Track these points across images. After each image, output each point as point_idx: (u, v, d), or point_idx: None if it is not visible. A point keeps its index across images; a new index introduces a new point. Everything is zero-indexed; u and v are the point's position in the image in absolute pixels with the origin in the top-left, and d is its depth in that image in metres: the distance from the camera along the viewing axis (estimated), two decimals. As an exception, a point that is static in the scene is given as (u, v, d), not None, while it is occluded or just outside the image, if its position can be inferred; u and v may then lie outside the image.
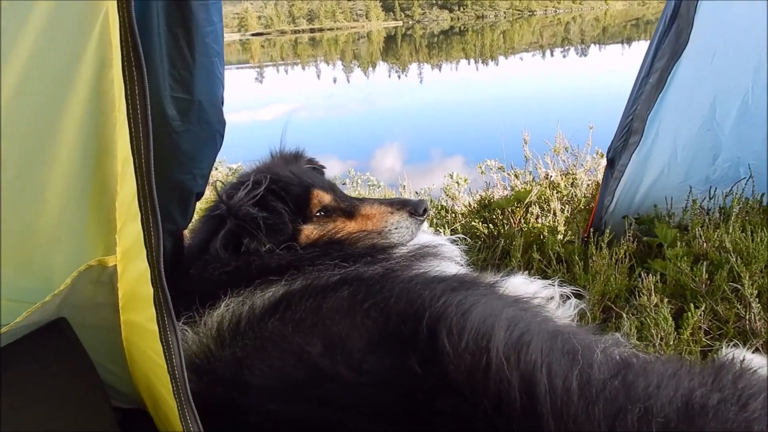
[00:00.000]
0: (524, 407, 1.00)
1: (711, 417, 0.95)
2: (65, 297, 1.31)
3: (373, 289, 1.45)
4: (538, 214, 2.95)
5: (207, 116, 1.52)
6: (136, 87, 1.01)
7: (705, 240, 2.30)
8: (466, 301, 1.33)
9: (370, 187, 5.23)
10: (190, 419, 1.12)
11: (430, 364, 1.12)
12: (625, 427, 0.93)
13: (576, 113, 9.89)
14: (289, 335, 1.30)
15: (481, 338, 1.15)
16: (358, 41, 44.97)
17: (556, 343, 1.18)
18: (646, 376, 1.04)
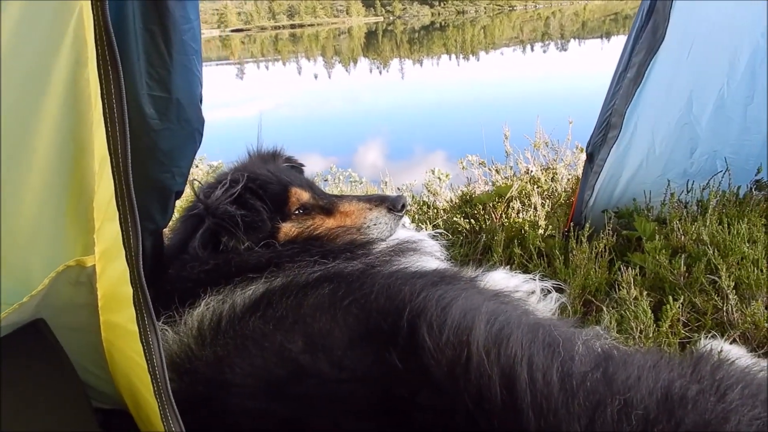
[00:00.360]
0: (504, 402, 1.01)
1: (690, 408, 0.97)
2: (43, 298, 1.30)
3: (353, 285, 1.45)
4: (519, 209, 2.97)
5: (186, 114, 1.50)
6: (112, 86, 1.00)
7: (683, 233, 2.33)
8: (446, 295, 1.34)
9: (352, 183, 5.22)
10: (171, 419, 1.12)
11: (411, 359, 1.12)
12: (605, 419, 0.94)
13: (556, 108, 9.94)
14: (270, 333, 1.30)
15: (461, 332, 1.15)
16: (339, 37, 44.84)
17: (536, 335, 1.18)
18: (626, 368, 1.05)
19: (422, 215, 3.26)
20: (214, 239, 1.74)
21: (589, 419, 0.96)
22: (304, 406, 1.14)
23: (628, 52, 2.38)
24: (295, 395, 1.16)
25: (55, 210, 1.21)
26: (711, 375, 1.10)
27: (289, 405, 1.15)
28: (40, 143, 1.13)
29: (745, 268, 2.02)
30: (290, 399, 1.15)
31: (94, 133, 1.14)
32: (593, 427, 0.95)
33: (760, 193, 2.66)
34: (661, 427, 0.93)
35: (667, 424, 0.94)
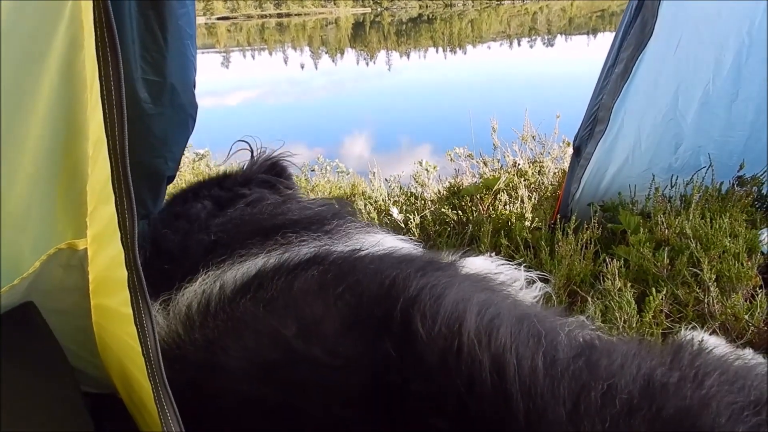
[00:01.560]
0: (495, 386, 1.03)
1: (671, 394, 0.99)
2: (33, 281, 1.30)
3: (344, 269, 1.46)
4: (506, 201, 3.00)
5: (179, 99, 1.51)
6: (111, 69, 1.00)
7: (667, 227, 2.37)
8: (438, 284, 1.35)
9: (340, 174, 5.22)
10: (165, 401, 1.12)
11: (405, 347, 1.14)
12: (589, 403, 0.97)
13: (543, 102, 10.00)
14: (262, 316, 1.31)
15: (453, 322, 1.17)
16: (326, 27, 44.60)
17: (522, 326, 1.21)
18: (609, 356, 1.08)
19: (410, 206, 3.28)
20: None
21: (573, 403, 0.98)
22: (297, 390, 1.15)
23: (616, 47, 2.41)
24: (287, 380, 1.17)
25: (47, 192, 1.21)
26: (690, 363, 1.13)
27: (282, 389, 1.16)
28: (35, 126, 1.13)
29: (726, 262, 2.06)
30: (283, 383, 1.16)
31: (89, 116, 1.14)
32: (578, 410, 0.97)
33: (742, 189, 2.71)
34: (643, 413, 0.96)
35: (649, 410, 0.96)
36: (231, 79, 21.11)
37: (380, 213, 3.21)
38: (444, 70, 21.63)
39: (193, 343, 1.35)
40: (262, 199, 1.87)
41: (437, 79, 19.03)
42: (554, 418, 0.97)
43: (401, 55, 28.78)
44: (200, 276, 1.53)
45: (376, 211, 3.19)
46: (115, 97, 1.02)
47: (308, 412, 1.12)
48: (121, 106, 1.03)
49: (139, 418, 1.42)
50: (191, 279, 1.54)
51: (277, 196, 1.97)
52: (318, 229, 1.75)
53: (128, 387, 1.37)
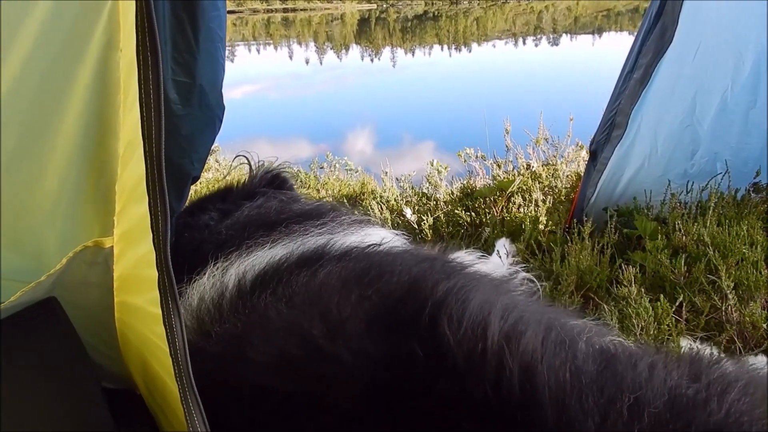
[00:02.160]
0: (524, 393, 1.03)
1: (699, 408, 0.99)
2: (58, 276, 1.30)
3: (366, 267, 1.47)
4: (520, 203, 2.99)
5: (208, 100, 1.51)
6: (150, 72, 1.00)
7: (684, 233, 2.36)
8: (464, 287, 1.35)
9: (348, 172, 5.22)
10: (192, 403, 1.12)
11: (431, 349, 1.14)
12: (617, 416, 0.97)
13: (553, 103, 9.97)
14: (287, 313, 1.31)
15: (478, 326, 1.17)
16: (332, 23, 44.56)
17: (549, 334, 1.20)
18: (634, 369, 1.08)
19: (422, 207, 3.28)
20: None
21: (601, 416, 0.98)
22: (322, 388, 1.15)
23: (635, 53, 2.41)
24: (313, 377, 1.17)
25: (77, 190, 1.21)
26: (713, 375, 1.13)
27: (307, 386, 1.16)
28: (67, 124, 1.13)
29: (744, 269, 2.06)
30: (308, 380, 1.17)
31: (122, 117, 1.14)
32: (606, 423, 0.97)
33: (758, 196, 2.71)
34: (671, 427, 0.96)
35: (675, 425, 0.96)
36: (236, 72, 21.06)
37: (393, 213, 3.21)
38: (448, 67, 21.58)
39: (213, 336, 1.35)
40: (267, 203, 1.91)
41: (442, 77, 19.00)
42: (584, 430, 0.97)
43: (406, 51, 28.73)
44: (210, 268, 1.55)
45: (389, 211, 3.18)
46: (153, 100, 1.02)
47: (333, 410, 1.12)
48: (159, 110, 1.03)
49: (161, 415, 1.42)
50: (201, 271, 1.55)
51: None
52: (318, 221, 1.78)
53: (151, 385, 1.38)
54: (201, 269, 1.56)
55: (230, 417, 1.21)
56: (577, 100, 9.15)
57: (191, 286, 1.53)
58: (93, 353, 1.47)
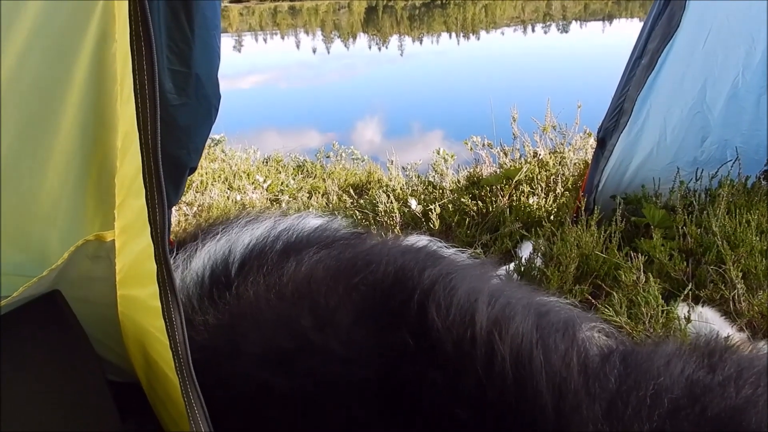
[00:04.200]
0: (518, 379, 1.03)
1: (716, 394, 0.98)
2: (61, 271, 1.30)
3: (351, 257, 1.46)
4: (527, 191, 2.97)
5: (204, 90, 1.50)
6: (145, 63, 0.98)
7: (696, 224, 2.33)
8: (450, 274, 1.35)
9: (354, 161, 5.21)
10: (192, 395, 1.12)
11: (421, 338, 1.14)
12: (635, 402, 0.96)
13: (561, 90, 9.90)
14: (277, 304, 1.31)
15: (465, 312, 1.17)
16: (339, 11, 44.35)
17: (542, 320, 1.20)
18: (650, 357, 1.07)
19: (428, 195, 3.27)
20: None
21: (611, 401, 0.97)
22: (314, 380, 1.15)
23: (643, 38, 2.38)
24: (303, 370, 1.16)
25: (77, 185, 1.21)
26: (730, 362, 1.12)
27: (298, 378, 1.16)
28: (65, 119, 1.12)
29: (753, 259, 2.03)
30: (299, 373, 1.16)
31: (119, 109, 1.13)
32: (618, 409, 0.96)
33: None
34: (687, 412, 0.95)
35: (693, 410, 0.95)
36: (243, 62, 21.03)
37: (398, 202, 3.20)
38: (457, 55, 21.45)
39: (200, 324, 1.35)
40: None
41: (450, 65, 18.89)
42: (589, 416, 0.95)
43: (414, 40, 28.56)
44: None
45: (395, 200, 3.17)
46: (148, 91, 1.01)
47: (325, 401, 1.12)
48: (154, 101, 1.02)
49: (162, 409, 1.42)
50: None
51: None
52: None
53: (152, 378, 1.37)
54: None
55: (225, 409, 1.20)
56: (586, 88, 9.08)
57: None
58: (99, 347, 1.47)
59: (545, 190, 3.05)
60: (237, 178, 4.35)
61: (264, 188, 4.22)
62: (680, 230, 2.34)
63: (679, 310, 1.87)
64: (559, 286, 2.15)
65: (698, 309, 1.90)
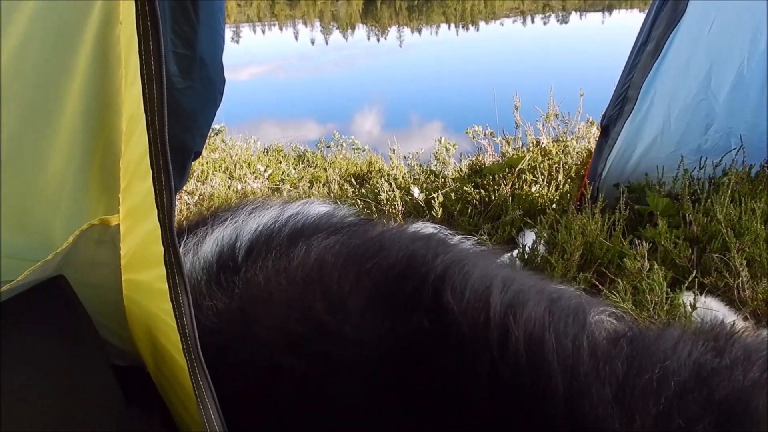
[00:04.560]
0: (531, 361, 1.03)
1: (723, 377, 0.98)
2: (65, 255, 1.29)
3: (363, 242, 1.46)
4: (529, 180, 2.97)
5: (208, 73, 1.48)
6: (151, 42, 0.97)
7: (702, 213, 2.33)
8: (463, 260, 1.35)
9: (355, 151, 5.20)
10: (201, 378, 1.12)
11: (435, 321, 1.14)
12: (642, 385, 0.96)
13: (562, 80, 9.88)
14: (288, 288, 1.30)
15: (480, 296, 1.17)
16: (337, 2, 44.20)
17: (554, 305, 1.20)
18: (657, 341, 1.07)
19: (430, 184, 3.26)
20: None
21: (619, 384, 0.97)
22: (323, 364, 1.14)
23: (648, 24, 2.36)
24: (314, 353, 1.16)
25: (81, 168, 1.20)
26: (737, 346, 1.12)
27: (311, 361, 1.16)
28: (69, 102, 1.11)
29: (757, 247, 2.03)
30: (312, 355, 1.16)
31: (124, 92, 1.12)
32: (626, 391, 0.96)
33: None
34: (695, 395, 0.94)
35: (700, 393, 0.95)
36: (242, 54, 20.95)
37: (401, 190, 3.19)
38: (456, 46, 21.40)
39: (209, 309, 1.35)
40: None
41: (449, 56, 18.85)
42: (599, 398, 0.95)
43: (413, 31, 28.47)
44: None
45: (397, 189, 3.16)
46: (155, 71, 0.99)
47: (340, 382, 1.12)
48: (160, 81, 1.01)
49: (170, 392, 1.42)
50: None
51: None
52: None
53: (159, 362, 1.37)
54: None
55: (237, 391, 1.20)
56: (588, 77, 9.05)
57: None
58: (104, 332, 1.47)
59: (548, 179, 3.04)
60: (238, 168, 4.35)
61: (265, 178, 4.22)
62: (685, 218, 2.33)
63: (684, 297, 1.87)
64: (564, 273, 2.14)
65: (702, 298, 1.90)
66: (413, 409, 1.05)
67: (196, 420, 1.12)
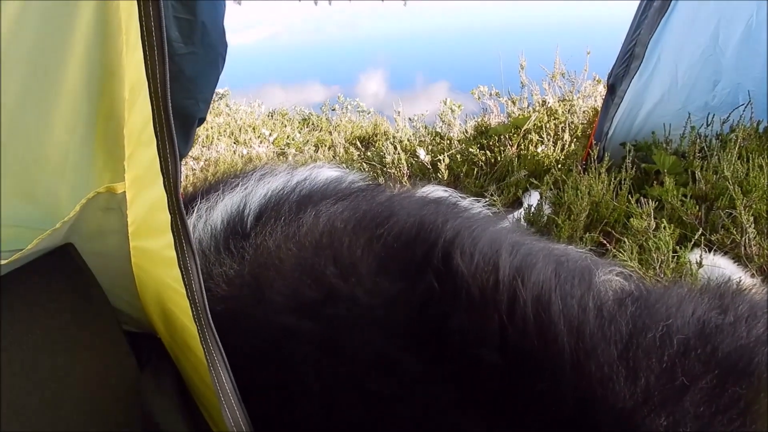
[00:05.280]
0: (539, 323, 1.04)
1: (726, 334, 0.99)
2: (73, 224, 1.30)
3: (371, 207, 1.46)
4: (536, 140, 2.95)
5: (210, 38, 1.47)
6: (151, 8, 0.96)
7: (710, 169, 2.31)
8: (472, 225, 1.36)
9: (360, 114, 5.16)
10: (211, 343, 1.14)
11: (445, 282, 1.15)
12: (646, 343, 0.97)
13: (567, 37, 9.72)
14: (299, 253, 1.31)
15: (489, 259, 1.18)
16: (340, -39, 43.32)
17: (561, 267, 1.20)
18: (662, 300, 1.07)
19: (436, 146, 3.24)
20: None
21: (626, 343, 0.98)
22: (337, 326, 1.16)
23: (656, -21, 2.31)
24: (327, 315, 1.18)
25: (85, 137, 1.20)
26: (742, 303, 1.12)
27: (324, 324, 1.17)
28: (71, 71, 1.10)
29: (764, 203, 2.02)
30: (325, 319, 1.17)
31: (125, 60, 1.11)
32: (631, 350, 0.97)
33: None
34: (698, 353, 0.95)
35: (704, 350, 0.96)
36: (244, 16, 20.67)
37: (406, 153, 3.18)
38: (461, 5, 21.03)
39: (219, 275, 1.36)
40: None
41: (454, 16, 18.55)
42: (604, 358, 0.97)
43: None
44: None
45: (403, 152, 3.15)
46: (156, 37, 0.99)
47: (353, 341, 1.14)
48: (162, 47, 1.00)
49: (182, 357, 1.44)
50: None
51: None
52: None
53: (170, 328, 1.39)
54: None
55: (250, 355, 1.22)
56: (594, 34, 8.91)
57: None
58: (114, 300, 1.49)
59: (554, 139, 3.02)
60: (243, 132, 4.33)
61: (270, 142, 4.20)
62: (694, 175, 2.31)
63: (691, 255, 1.87)
64: (570, 234, 2.14)
65: (710, 256, 1.90)
66: (423, 367, 1.06)
67: (208, 384, 1.14)
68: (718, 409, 0.89)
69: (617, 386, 0.92)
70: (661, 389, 0.91)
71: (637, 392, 0.91)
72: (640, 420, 0.89)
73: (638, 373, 0.93)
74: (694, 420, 0.89)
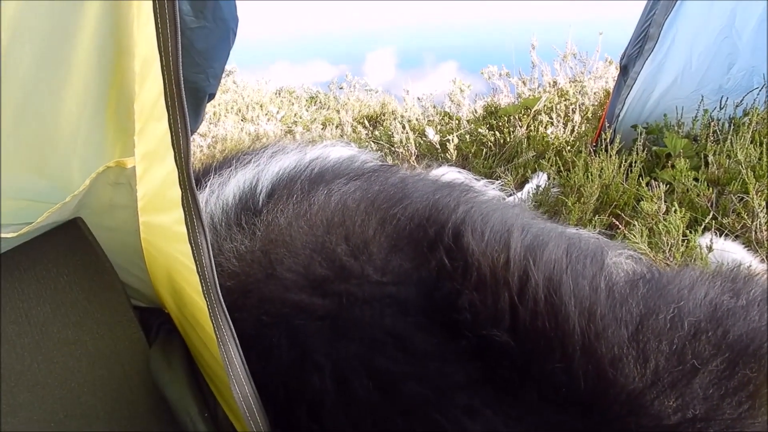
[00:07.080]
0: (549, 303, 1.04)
1: (738, 318, 0.99)
2: (83, 198, 1.30)
3: (383, 187, 1.46)
4: (546, 121, 2.92)
5: (221, 12, 1.45)
6: (163, -20, 0.95)
7: (722, 153, 2.29)
8: (483, 206, 1.37)
9: (368, 92, 5.13)
10: (221, 318, 1.14)
11: (456, 260, 1.15)
12: (656, 326, 0.96)
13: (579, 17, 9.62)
14: (310, 232, 1.31)
15: (500, 238, 1.18)
16: (349, -63, 42.86)
17: (571, 248, 1.20)
18: (674, 282, 1.07)
19: (445, 126, 3.22)
20: None
21: (637, 325, 0.98)
22: (347, 302, 1.16)
23: (672, -40, 2.27)
24: (338, 292, 1.18)
25: (96, 111, 1.19)
26: (752, 287, 1.12)
27: (334, 301, 1.17)
28: (81, 45, 1.09)
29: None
30: (335, 296, 1.18)
31: (136, 34, 1.10)
32: (641, 332, 0.97)
33: (795, 112, 2.60)
34: (708, 335, 0.95)
35: (714, 333, 0.96)
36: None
37: (415, 133, 3.16)
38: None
39: (229, 251, 1.36)
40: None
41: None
42: (615, 339, 0.96)
43: (427, -33, 27.64)
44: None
45: (411, 131, 3.14)
46: (168, 10, 0.97)
47: (364, 317, 1.14)
48: (174, 20, 0.99)
49: (190, 332, 1.45)
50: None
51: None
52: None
53: (179, 303, 1.39)
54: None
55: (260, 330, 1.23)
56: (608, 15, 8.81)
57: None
58: (123, 275, 1.49)
59: (564, 120, 3.00)
60: (250, 110, 4.31)
61: (278, 119, 4.19)
62: (706, 159, 2.29)
63: (701, 239, 1.86)
64: (580, 216, 2.14)
65: (720, 241, 1.89)
66: (434, 345, 1.06)
67: (216, 359, 1.14)
68: (728, 391, 0.89)
69: (627, 368, 0.92)
70: (670, 371, 0.91)
71: (646, 374, 0.92)
72: (650, 401, 0.89)
73: (648, 354, 0.93)
74: (703, 402, 0.89)
